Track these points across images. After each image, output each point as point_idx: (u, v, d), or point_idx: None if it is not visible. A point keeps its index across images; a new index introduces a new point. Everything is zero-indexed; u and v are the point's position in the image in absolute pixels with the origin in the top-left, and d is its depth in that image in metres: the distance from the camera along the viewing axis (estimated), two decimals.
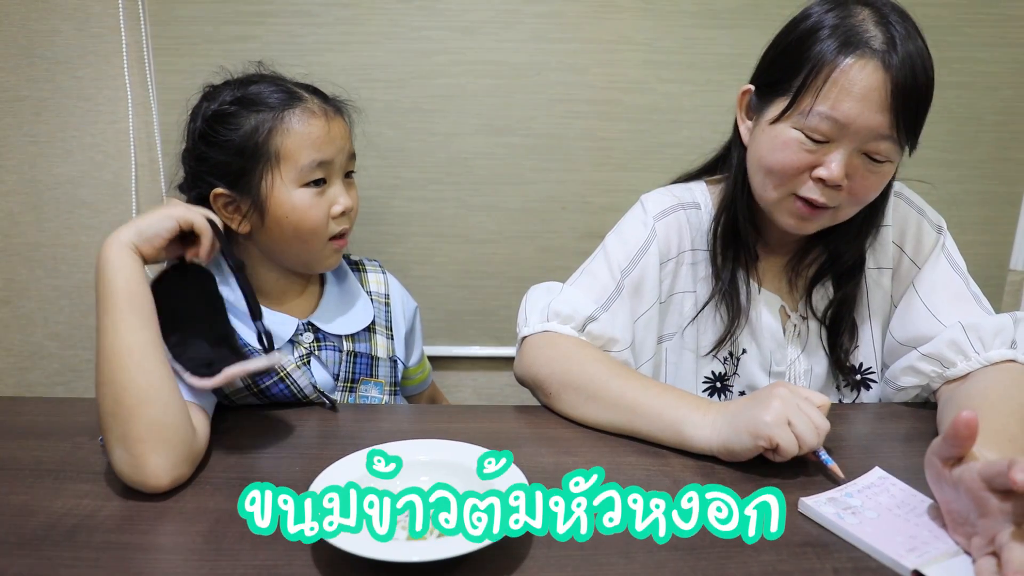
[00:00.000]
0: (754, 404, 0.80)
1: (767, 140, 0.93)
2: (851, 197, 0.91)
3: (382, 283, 1.18)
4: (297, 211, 0.99)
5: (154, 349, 0.80)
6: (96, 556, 0.66)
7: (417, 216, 1.51)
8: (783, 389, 0.80)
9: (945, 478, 0.68)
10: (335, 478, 0.71)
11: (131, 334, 0.79)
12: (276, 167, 0.98)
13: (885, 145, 0.87)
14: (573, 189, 1.50)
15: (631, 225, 1.06)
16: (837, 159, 0.88)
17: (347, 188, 1.05)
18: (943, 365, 0.95)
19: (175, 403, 0.80)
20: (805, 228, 0.95)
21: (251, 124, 0.97)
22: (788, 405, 0.78)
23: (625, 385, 0.91)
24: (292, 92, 1.01)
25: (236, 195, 0.99)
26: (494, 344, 1.58)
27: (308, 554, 0.66)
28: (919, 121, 0.89)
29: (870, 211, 0.99)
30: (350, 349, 1.08)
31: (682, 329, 1.06)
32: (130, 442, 0.75)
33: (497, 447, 0.77)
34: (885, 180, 0.92)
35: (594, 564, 0.65)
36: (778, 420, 0.77)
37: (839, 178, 0.88)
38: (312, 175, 0.99)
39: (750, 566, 0.66)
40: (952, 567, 0.65)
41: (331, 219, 1.02)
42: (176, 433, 0.78)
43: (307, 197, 0.99)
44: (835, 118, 0.86)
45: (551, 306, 1.00)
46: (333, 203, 1.02)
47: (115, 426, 0.77)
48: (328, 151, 1.00)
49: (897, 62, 0.85)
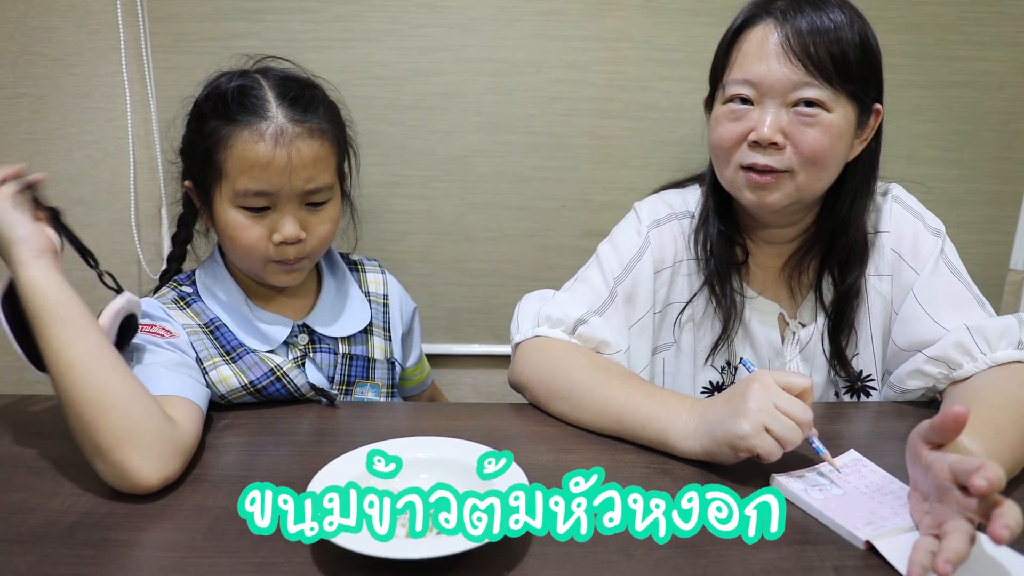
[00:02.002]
0: (730, 411, 0.77)
1: (712, 121, 1.00)
2: (798, 155, 0.93)
3: (381, 283, 1.18)
4: (230, 229, 0.96)
5: (98, 357, 0.77)
6: (95, 553, 0.66)
7: (417, 214, 1.50)
8: (758, 387, 0.76)
9: (920, 459, 0.70)
10: (334, 475, 0.71)
11: (67, 348, 0.76)
12: (219, 181, 0.96)
13: (812, 92, 0.91)
14: (573, 187, 1.50)
15: (625, 233, 1.07)
16: (764, 118, 0.93)
17: (311, 214, 0.98)
18: (950, 367, 0.94)
19: (138, 404, 0.76)
20: (766, 199, 0.96)
21: (208, 130, 0.95)
22: (764, 408, 0.75)
23: (609, 395, 0.89)
24: (259, 105, 0.94)
25: (198, 191, 1.00)
26: (494, 342, 1.58)
27: (307, 551, 0.66)
28: (847, 62, 0.91)
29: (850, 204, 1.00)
30: (346, 351, 1.08)
31: (679, 338, 1.06)
32: (104, 453, 0.74)
33: (496, 445, 0.77)
34: (831, 132, 0.92)
35: (594, 562, 0.65)
36: (755, 428, 0.74)
37: (769, 136, 0.92)
38: (247, 202, 0.94)
39: (750, 563, 0.65)
40: (902, 541, 0.67)
41: (272, 244, 0.96)
42: (148, 432, 0.75)
43: (240, 219, 0.95)
44: (747, 79, 0.93)
45: (542, 311, 1.00)
46: (275, 230, 0.95)
47: (85, 441, 0.75)
48: (268, 182, 0.93)
49: (792, 14, 0.91)
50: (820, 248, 1.04)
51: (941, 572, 0.59)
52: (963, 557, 0.60)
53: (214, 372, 0.95)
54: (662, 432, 0.84)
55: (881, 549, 0.66)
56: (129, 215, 1.47)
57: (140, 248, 1.47)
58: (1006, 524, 0.57)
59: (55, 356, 0.76)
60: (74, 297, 0.80)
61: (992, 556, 0.65)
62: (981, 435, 0.75)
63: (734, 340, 1.04)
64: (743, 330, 1.05)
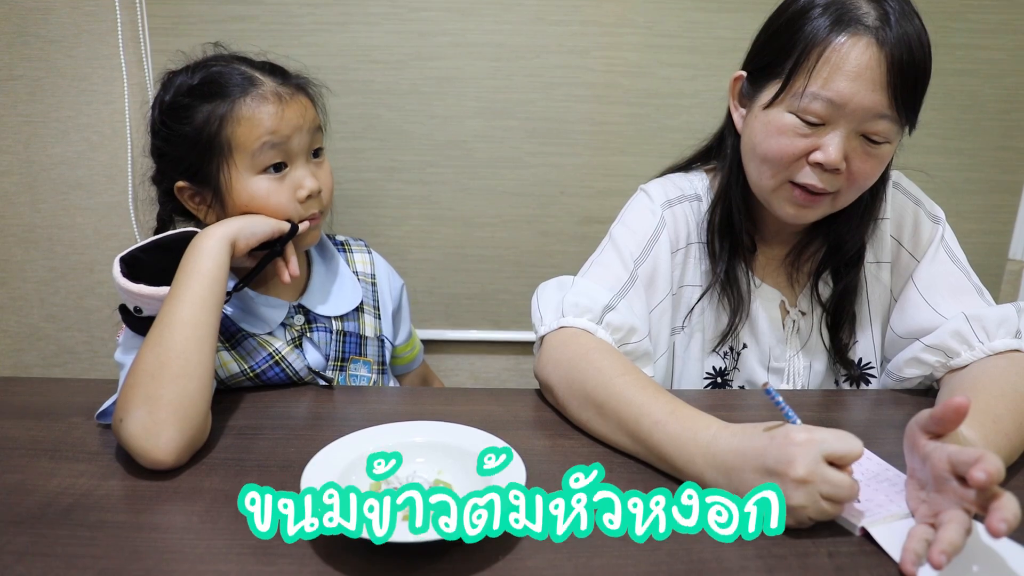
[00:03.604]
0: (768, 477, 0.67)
1: (761, 127, 0.91)
2: (850, 181, 0.90)
3: (368, 263, 1.18)
4: (257, 200, 0.96)
5: (214, 334, 0.85)
6: (92, 535, 0.66)
7: (415, 199, 1.50)
8: (803, 482, 0.64)
9: (918, 448, 0.69)
10: (330, 460, 0.71)
11: (202, 311, 0.83)
12: (230, 157, 0.95)
13: (883, 125, 0.86)
14: (572, 173, 1.49)
15: (638, 214, 1.03)
16: (834, 142, 0.86)
17: (316, 167, 1.02)
18: (947, 355, 0.94)
19: (207, 390, 0.82)
20: (805, 216, 0.94)
21: (202, 116, 0.95)
22: (812, 505, 0.65)
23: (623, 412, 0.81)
24: (245, 77, 0.97)
25: (198, 187, 0.99)
26: (492, 328, 1.58)
27: None
28: (918, 98, 0.87)
29: (870, 197, 0.98)
30: (339, 329, 1.08)
31: (690, 323, 1.05)
32: (158, 406, 0.76)
33: (493, 430, 0.77)
34: (884, 162, 0.91)
35: (590, 546, 0.65)
36: (799, 521, 0.67)
37: (837, 162, 0.87)
38: (268, 159, 0.96)
39: (745, 550, 0.65)
40: (897, 528, 0.67)
41: (298, 203, 0.99)
42: (197, 415, 0.79)
43: (266, 184, 0.97)
44: (830, 98, 0.85)
45: (566, 299, 0.94)
46: (297, 187, 0.98)
47: (149, 386, 0.78)
48: (282, 134, 0.96)
49: (892, 38, 0.83)
50: (823, 240, 1.03)
51: (935, 563, 0.58)
52: (958, 548, 0.60)
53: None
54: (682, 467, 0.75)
55: (876, 536, 0.67)
56: (127, 199, 1.47)
57: (138, 232, 1.47)
58: (1003, 518, 0.57)
59: (185, 309, 0.83)
60: (226, 281, 0.88)
61: (988, 546, 0.65)
62: (979, 424, 0.75)
63: (739, 328, 1.04)
64: (748, 316, 1.04)
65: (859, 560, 0.65)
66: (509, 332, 1.58)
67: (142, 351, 0.81)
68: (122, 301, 0.89)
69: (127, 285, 0.86)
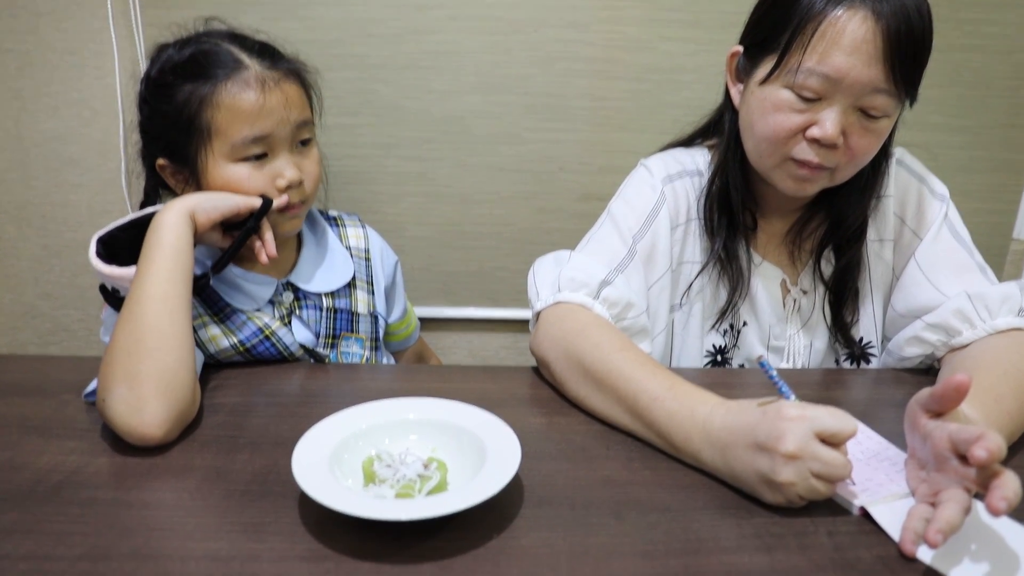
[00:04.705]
0: (759, 475, 0.66)
1: (757, 103, 0.90)
2: (848, 157, 0.89)
3: (361, 237, 1.16)
4: (232, 186, 0.94)
5: (186, 306, 0.84)
6: (81, 512, 0.65)
7: (412, 175, 1.48)
8: (792, 457, 0.64)
9: (919, 427, 0.68)
10: (323, 436, 0.70)
11: (169, 284, 0.83)
12: (210, 142, 0.93)
13: (881, 99, 0.85)
14: (571, 149, 1.48)
15: (638, 189, 1.02)
16: (831, 117, 0.85)
17: (302, 156, 0.99)
18: (949, 334, 0.93)
19: (189, 361, 0.81)
20: (804, 189, 0.93)
21: (183, 95, 0.92)
22: (801, 481, 0.64)
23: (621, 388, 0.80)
24: (232, 59, 0.93)
25: (177, 166, 0.97)
26: (489, 306, 1.57)
27: (295, 511, 0.65)
28: (917, 71, 0.85)
29: (871, 171, 0.96)
30: (330, 306, 1.07)
31: (689, 300, 1.04)
32: (137, 382, 0.75)
33: (488, 407, 0.76)
34: (883, 137, 0.90)
35: (585, 524, 0.64)
36: (789, 499, 0.66)
37: (834, 137, 0.85)
38: (248, 151, 0.94)
39: (743, 528, 0.65)
40: (896, 508, 0.66)
41: (277, 192, 0.96)
42: (181, 388, 0.78)
43: (244, 171, 0.94)
44: (826, 73, 0.83)
45: (562, 274, 0.93)
46: (276, 176, 0.96)
47: (127, 363, 0.77)
48: (264, 125, 0.93)
49: (889, 10, 0.81)
50: (825, 216, 1.02)
51: (932, 541, 0.58)
52: (955, 527, 0.59)
53: (203, 331, 0.95)
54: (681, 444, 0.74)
55: (875, 515, 0.66)
56: (120, 175, 1.45)
57: (131, 209, 1.45)
58: (1004, 496, 0.57)
59: (154, 284, 0.82)
60: (191, 252, 0.87)
61: (987, 525, 0.65)
62: (981, 403, 0.74)
63: (738, 305, 1.03)
64: (748, 293, 1.03)
65: (858, 539, 0.64)
66: (507, 310, 1.57)
67: (116, 329, 0.80)
68: (101, 282, 0.88)
69: (99, 266, 0.85)
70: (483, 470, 0.65)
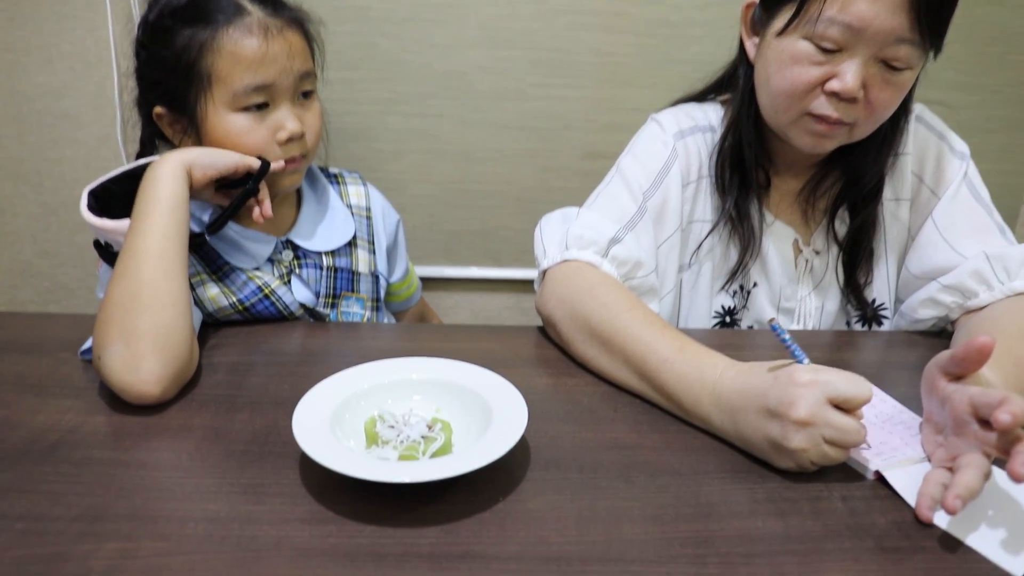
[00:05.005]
0: (770, 440, 0.64)
1: (774, 55, 0.87)
2: (868, 111, 0.86)
3: (362, 195, 1.13)
4: (232, 136, 0.92)
5: (183, 262, 0.82)
6: (77, 471, 0.63)
7: (414, 132, 1.45)
8: (804, 424, 0.62)
9: (937, 390, 0.67)
10: (324, 396, 0.68)
11: (165, 239, 0.80)
12: (209, 89, 0.90)
13: (905, 50, 0.81)
14: (576, 106, 1.44)
15: (649, 145, 0.99)
16: (852, 69, 0.82)
17: (304, 109, 0.96)
18: (964, 296, 0.90)
19: (186, 318, 0.79)
20: (822, 146, 0.90)
21: (183, 40, 0.89)
22: (813, 448, 0.62)
23: (629, 349, 0.78)
24: (233, 3, 0.91)
25: (175, 115, 0.94)
26: (492, 265, 1.55)
27: (295, 472, 0.63)
28: (944, 19, 0.81)
29: (890, 128, 0.93)
30: (330, 265, 1.05)
31: (698, 260, 1.01)
32: (134, 338, 0.73)
33: (493, 367, 0.74)
34: (904, 91, 0.86)
35: (594, 488, 0.63)
36: (801, 465, 0.64)
37: (854, 90, 0.82)
38: (249, 100, 0.91)
39: (755, 492, 0.63)
40: (911, 472, 0.65)
41: (277, 144, 0.94)
42: (178, 345, 0.76)
43: (244, 122, 0.92)
44: (848, 22, 0.80)
45: (570, 232, 0.91)
46: (278, 128, 0.93)
47: (123, 320, 0.75)
48: (266, 74, 0.90)
49: None
50: (840, 174, 0.99)
51: (950, 507, 0.56)
52: (975, 493, 0.58)
53: (201, 290, 0.93)
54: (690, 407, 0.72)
55: (891, 480, 0.64)
56: (115, 131, 1.42)
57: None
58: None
59: (150, 239, 0.80)
60: (187, 207, 0.85)
61: (1005, 491, 0.63)
62: (1000, 367, 0.71)
63: (749, 265, 1.00)
64: (759, 254, 1.01)
65: (873, 504, 0.62)
66: (510, 270, 1.55)
67: (111, 286, 0.78)
68: (94, 236, 0.86)
69: (91, 219, 0.83)
70: (489, 431, 0.64)
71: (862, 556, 0.56)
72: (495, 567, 0.54)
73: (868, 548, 0.57)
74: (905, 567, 0.55)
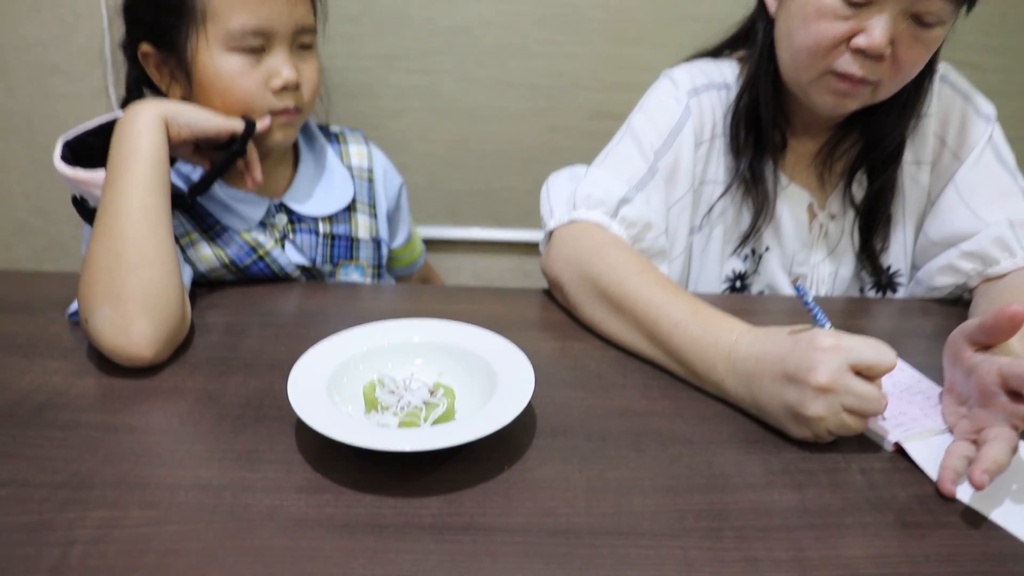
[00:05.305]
0: (786, 407, 0.62)
1: (798, 9, 0.82)
2: (895, 70, 0.81)
3: (365, 155, 1.09)
4: (223, 79, 0.86)
5: (168, 218, 0.78)
6: (64, 436, 0.61)
7: (416, 89, 1.41)
8: (824, 390, 0.59)
9: (962, 360, 0.64)
10: (321, 359, 0.66)
11: (149, 194, 0.76)
12: (202, 26, 0.85)
13: (938, 3, 0.77)
14: (584, 64, 1.39)
15: (661, 101, 0.95)
16: (880, 24, 0.77)
17: (301, 60, 0.91)
18: (985, 263, 0.87)
19: (175, 276, 0.76)
20: (844, 106, 0.86)
21: None
22: (831, 416, 0.60)
23: (640, 312, 0.75)
24: None
25: (163, 55, 0.89)
26: (495, 226, 1.51)
27: (291, 438, 0.61)
28: None
29: (914, 88, 0.89)
30: (327, 231, 1.00)
31: (709, 222, 0.98)
32: (121, 300, 0.70)
33: (497, 330, 0.71)
34: (933, 49, 0.82)
35: (603, 456, 0.60)
36: (817, 434, 0.62)
37: (882, 47, 0.78)
38: (244, 41, 0.86)
39: (771, 463, 0.61)
40: (932, 443, 0.63)
41: (270, 92, 0.89)
42: (168, 305, 0.73)
43: (237, 64, 0.86)
44: None
45: (578, 191, 0.88)
46: (272, 75, 0.88)
47: (109, 281, 0.71)
48: (265, 16, 0.85)
49: None
50: (859, 136, 0.95)
51: (977, 482, 0.54)
52: (1002, 467, 0.56)
53: (191, 250, 0.89)
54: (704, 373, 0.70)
55: (911, 452, 0.62)
56: (107, 84, 1.37)
57: None
58: None
59: (134, 195, 0.75)
60: (168, 163, 0.80)
61: None
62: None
63: (762, 229, 0.97)
64: (773, 217, 0.97)
65: (893, 477, 0.60)
66: (513, 231, 1.51)
67: (93, 244, 0.74)
68: (72, 192, 0.82)
69: (64, 169, 0.78)
70: (493, 398, 0.61)
71: (883, 531, 0.54)
72: (500, 539, 0.51)
73: (889, 523, 0.55)
74: (928, 543, 0.53)
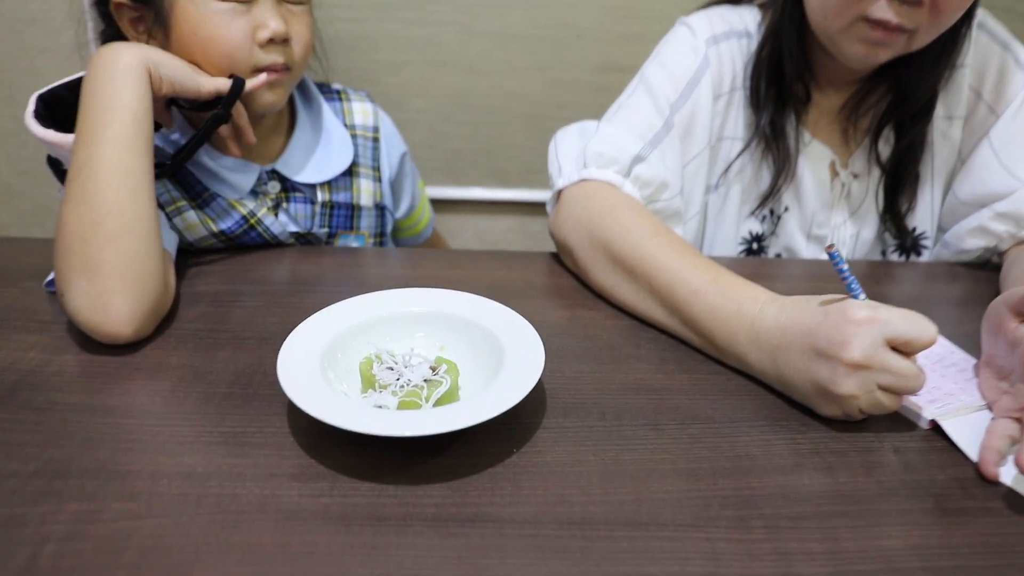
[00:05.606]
0: (815, 384, 0.57)
1: None
2: (933, 15, 0.75)
3: (369, 113, 1.02)
4: (206, 27, 0.79)
5: (150, 182, 0.70)
6: (38, 418, 0.56)
7: (414, 42, 1.34)
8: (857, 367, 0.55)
9: (1005, 331, 0.60)
10: (315, 331, 0.61)
11: (130, 155, 0.69)
12: None
13: None
14: (590, 14, 1.33)
15: (678, 51, 0.89)
16: None
17: (292, 14, 0.85)
18: (1019, 225, 0.83)
19: (157, 245, 0.69)
20: (876, 56, 0.80)
21: None
22: (864, 395, 0.56)
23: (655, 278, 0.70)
24: None
25: (138, 6, 0.81)
26: (497, 186, 1.46)
27: (283, 419, 0.57)
28: None
29: (949, 36, 0.83)
30: (326, 199, 0.95)
31: (727, 181, 0.92)
32: (99, 274, 0.64)
33: (503, 298, 0.67)
34: None
35: (618, 438, 0.56)
36: (848, 413, 0.58)
37: None
38: None
39: (799, 443, 0.57)
40: (970, 421, 0.59)
41: (256, 45, 0.81)
42: (150, 277, 0.67)
43: (220, 11, 0.79)
44: None
45: (588, 148, 0.83)
46: (259, 26, 0.81)
47: (85, 253, 0.65)
48: None
49: None
50: (888, 89, 0.89)
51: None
52: None
53: (178, 218, 0.84)
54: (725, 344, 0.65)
55: (947, 430, 0.58)
56: (88, 39, 1.30)
57: None
58: None
59: (115, 156, 0.68)
60: (144, 116, 0.71)
61: None
62: None
63: (782, 189, 0.92)
64: (793, 175, 0.92)
65: (929, 458, 0.56)
66: (516, 191, 1.46)
67: (65, 210, 0.67)
68: (48, 151, 0.75)
69: (36, 130, 0.72)
70: (500, 374, 0.57)
71: (923, 519, 0.50)
72: (509, 532, 0.47)
73: (929, 509, 0.51)
74: (973, 531, 0.49)
